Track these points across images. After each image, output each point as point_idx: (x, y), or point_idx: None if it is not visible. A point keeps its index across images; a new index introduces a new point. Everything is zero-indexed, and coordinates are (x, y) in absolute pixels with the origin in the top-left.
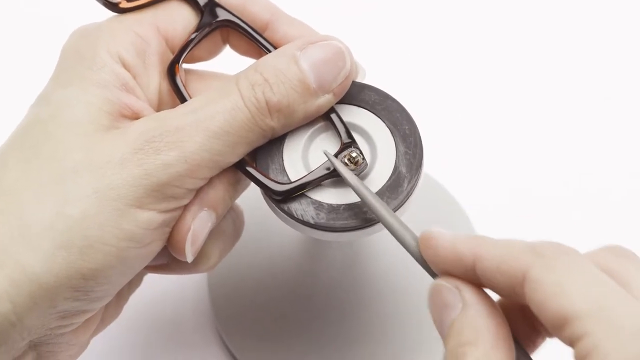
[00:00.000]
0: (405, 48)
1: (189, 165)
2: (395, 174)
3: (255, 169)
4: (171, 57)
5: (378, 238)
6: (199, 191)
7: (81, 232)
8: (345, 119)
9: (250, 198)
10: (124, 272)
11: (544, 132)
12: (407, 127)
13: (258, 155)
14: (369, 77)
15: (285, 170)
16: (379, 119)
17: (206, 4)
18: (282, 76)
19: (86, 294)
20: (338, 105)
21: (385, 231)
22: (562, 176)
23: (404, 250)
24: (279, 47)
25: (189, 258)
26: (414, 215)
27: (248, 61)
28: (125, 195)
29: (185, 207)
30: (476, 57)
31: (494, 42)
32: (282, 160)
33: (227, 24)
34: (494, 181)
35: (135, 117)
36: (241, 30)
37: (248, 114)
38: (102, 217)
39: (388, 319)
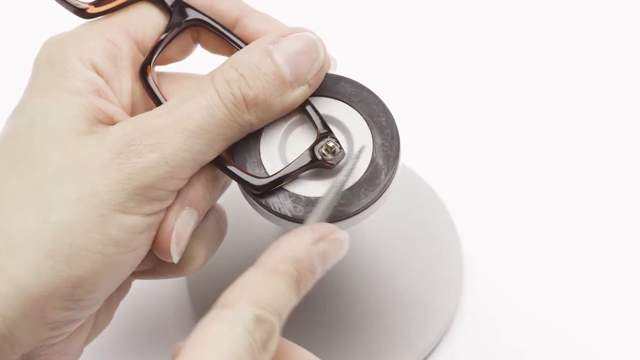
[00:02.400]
0: (381, 39)
1: (170, 167)
2: (372, 166)
3: (233, 164)
4: (143, 60)
5: (356, 230)
6: (179, 191)
7: (67, 240)
8: (321, 111)
9: (228, 193)
10: (112, 279)
11: (523, 122)
12: (383, 119)
13: (235, 150)
14: (345, 70)
15: (262, 164)
16: (355, 111)
17: (174, 4)
18: (257, 70)
19: (76, 303)
20: (314, 97)
21: (363, 224)
22: (541, 167)
23: (382, 242)
24: (251, 42)
25: (175, 259)
26: (393, 207)
27: (220, 60)
28: (109, 201)
29: (167, 208)
30: (454, 47)
31: (473, 33)
32: (260, 155)
33: (197, 22)
34: (472, 172)
35: (110, 121)
36: (211, 29)
37: (225, 110)
38: (87, 223)
39: (367, 310)
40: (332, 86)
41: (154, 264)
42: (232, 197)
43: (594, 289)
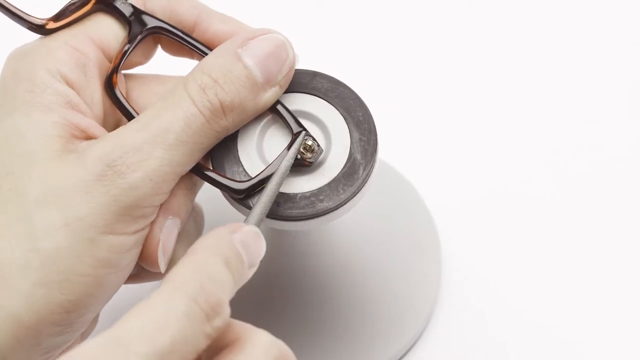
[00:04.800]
0: (362, 36)
1: (154, 183)
2: (350, 161)
3: (212, 170)
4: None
5: (336, 226)
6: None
7: (57, 267)
8: (297, 107)
9: (205, 192)
10: (103, 298)
11: (504, 119)
12: (360, 114)
13: (213, 153)
14: (321, 65)
15: (242, 165)
16: (331, 107)
17: (132, 14)
18: (230, 75)
19: (69, 327)
20: (291, 93)
21: (341, 221)
22: (520, 164)
23: (360, 238)
24: (213, 46)
25: (162, 268)
26: (371, 203)
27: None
28: (96, 224)
29: (152, 222)
30: (437, 43)
31: (457, 28)
32: (238, 156)
33: (157, 30)
34: (452, 168)
35: (85, 135)
36: (172, 36)
37: (203, 119)
38: (75, 248)
39: (346, 307)
40: (308, 82)
41: (137, 270)
42: (208, 194)
43: (572, 282)
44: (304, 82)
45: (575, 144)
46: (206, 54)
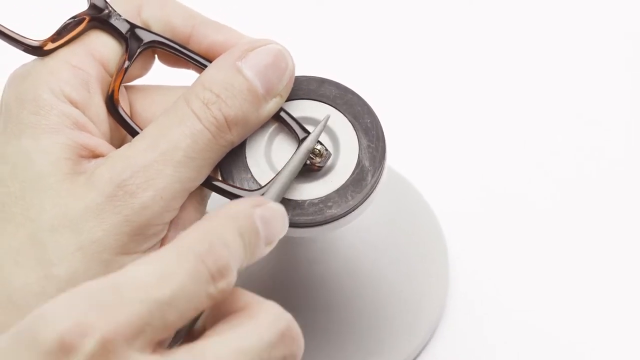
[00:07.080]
0: (369, 42)
1: (165, 201)
2: (359, 167)
3: (222, 181)
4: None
5: (342, 232)
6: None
7: None
8: (305, 114)
9: (212, 199)
10: None
11: (510, 124)
12: (369, 121)
13: (221, 163)
14: (329, 72)
15: (251, 172)
16: (340, 113)
17: (128, 30)
18: (232, 89)
19: None
20: (299, 100)
21: (349, 226)
22: (526, 169)
23: (367, 244)
24: (210, 57)
25: None
26: (378, 208)
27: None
28: (109, 245)
29: (164, 238)
30: (442, 49)
31: (463, 34)
32: (247, 164)
33: (154, 45)
34: (458, 173)
35: (93, 154)
36: (169, 50)
37: (209, 134)
38: (90, 271)
39: (354, 312)
40: (316, 89)
41: None
42: (214, 200)
43: (579, 283)
44: (312, 88)
45: (577, 146)
46: (204, 66)
